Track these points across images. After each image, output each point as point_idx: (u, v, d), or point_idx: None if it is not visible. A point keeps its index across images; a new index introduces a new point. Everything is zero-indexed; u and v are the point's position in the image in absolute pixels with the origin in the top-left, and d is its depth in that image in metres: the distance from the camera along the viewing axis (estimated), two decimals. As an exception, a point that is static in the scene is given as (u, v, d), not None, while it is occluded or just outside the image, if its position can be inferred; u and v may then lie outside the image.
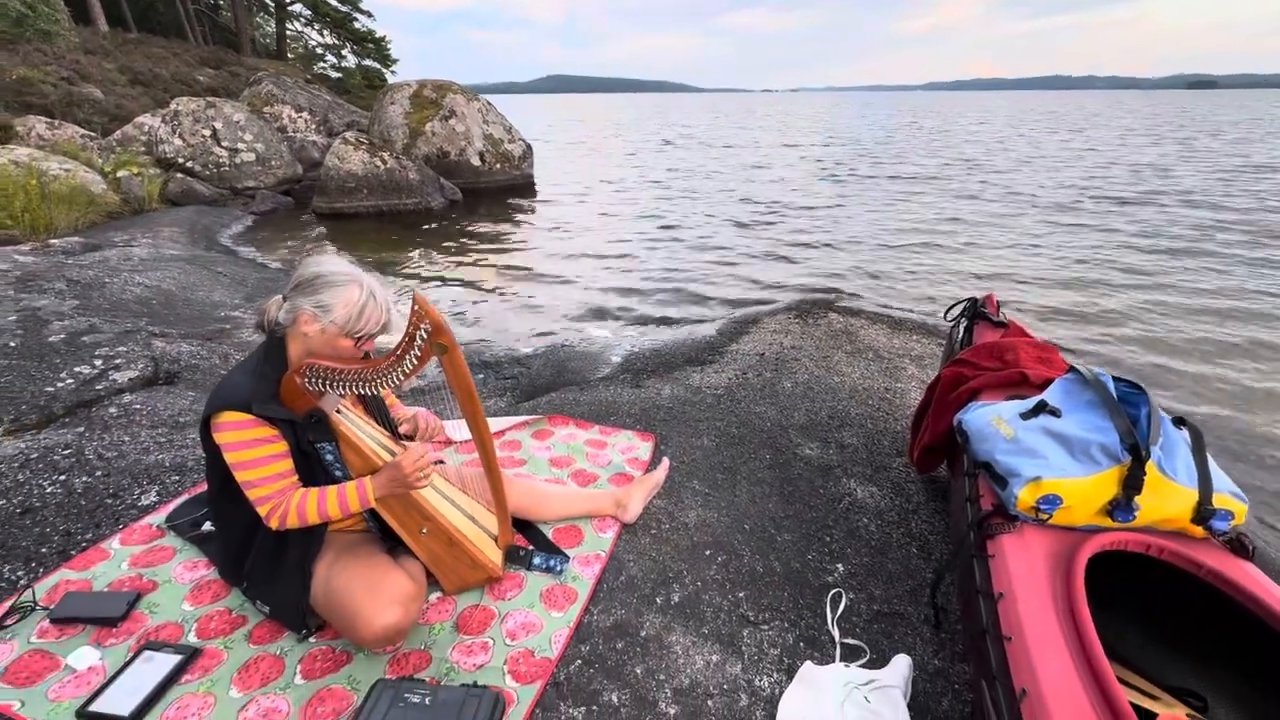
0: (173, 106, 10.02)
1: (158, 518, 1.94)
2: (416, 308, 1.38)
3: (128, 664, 1.41)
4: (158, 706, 1.34)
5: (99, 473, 2.12)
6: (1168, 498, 1.38)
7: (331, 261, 1.46)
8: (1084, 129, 28.27)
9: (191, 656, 1.45)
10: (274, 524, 1.39)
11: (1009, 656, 1.19)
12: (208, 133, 9.84)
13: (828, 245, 7.57)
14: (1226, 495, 1.39)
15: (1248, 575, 1.33)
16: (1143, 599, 1.55)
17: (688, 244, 7.75)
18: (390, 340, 1.46)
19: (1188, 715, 1.31)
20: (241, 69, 18.92)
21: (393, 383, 1.47)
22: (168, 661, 1.42)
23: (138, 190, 8.07)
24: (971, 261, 6.87)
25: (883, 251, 7.27)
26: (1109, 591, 1.53)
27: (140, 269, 4.66)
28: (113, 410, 2.57)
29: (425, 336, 1.40)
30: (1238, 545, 1.41)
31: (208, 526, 1.87)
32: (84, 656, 1.45)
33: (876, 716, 1.35)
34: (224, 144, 9.91)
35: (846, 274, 6.35)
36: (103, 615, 1.54)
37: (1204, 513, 1.37)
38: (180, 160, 9.56)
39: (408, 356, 1.43)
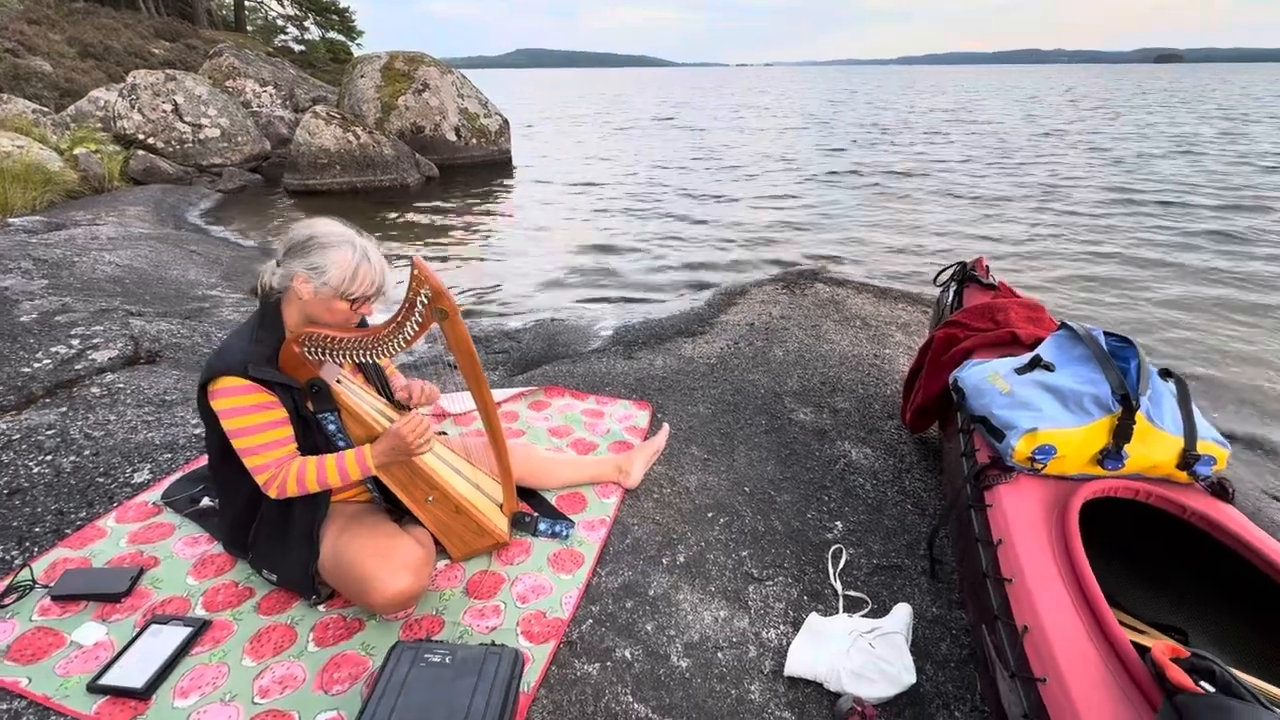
0: (130, 80, 9.56)
1: (153, 495, 1.90)
2: (416, 273, 1.36)
3: (135, 638, 1.40)
4: (170, 678, 1.33)
5: (87, 452, 2.07)
6: (1155, 445, 1.44)
7: (324, 224, 1.43)
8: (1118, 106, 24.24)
9: (201, 629, 1.44)
10: (273, 493, 1.38)
11: (1010, 597, 1.25)
12: (169, 107, 9.44)
13: (819, 229, 7.32)
14: (1210, 442, 1.46)
15: (1229, 517, 1.40)
16: (1128, 543, 1.62)
17: (671, 221, 7.70)
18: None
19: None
20: (198, 41, 18.16)
21: (393, 350, 1.46)
22: (177, 634, 1.41)
23: (97, 168, 7.73)
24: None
25: (869, 233, 7.29)
26: (1095, 536, 1.60)
27: (109, 248, 4.50)
28: (95, 390, 2.49)
29: (425, 302, 1.38)
30: (1219, 489, 1.48)
31: (206, 502, 1.84)
32: (90, 632, 1.43)
33: (882, 661, 1.41)
34: (186, 119, 9.51)
35: (833, 251, 6.35)
36: (105, 591, 1.52)
37: (1188, 459, 1.43)
38: (140, 136, 9.16)
39: (408, 323, 1.41)
